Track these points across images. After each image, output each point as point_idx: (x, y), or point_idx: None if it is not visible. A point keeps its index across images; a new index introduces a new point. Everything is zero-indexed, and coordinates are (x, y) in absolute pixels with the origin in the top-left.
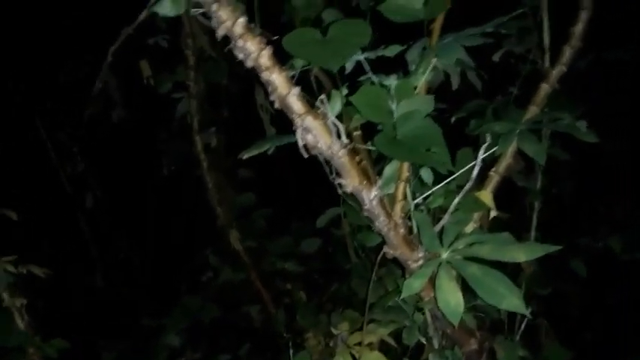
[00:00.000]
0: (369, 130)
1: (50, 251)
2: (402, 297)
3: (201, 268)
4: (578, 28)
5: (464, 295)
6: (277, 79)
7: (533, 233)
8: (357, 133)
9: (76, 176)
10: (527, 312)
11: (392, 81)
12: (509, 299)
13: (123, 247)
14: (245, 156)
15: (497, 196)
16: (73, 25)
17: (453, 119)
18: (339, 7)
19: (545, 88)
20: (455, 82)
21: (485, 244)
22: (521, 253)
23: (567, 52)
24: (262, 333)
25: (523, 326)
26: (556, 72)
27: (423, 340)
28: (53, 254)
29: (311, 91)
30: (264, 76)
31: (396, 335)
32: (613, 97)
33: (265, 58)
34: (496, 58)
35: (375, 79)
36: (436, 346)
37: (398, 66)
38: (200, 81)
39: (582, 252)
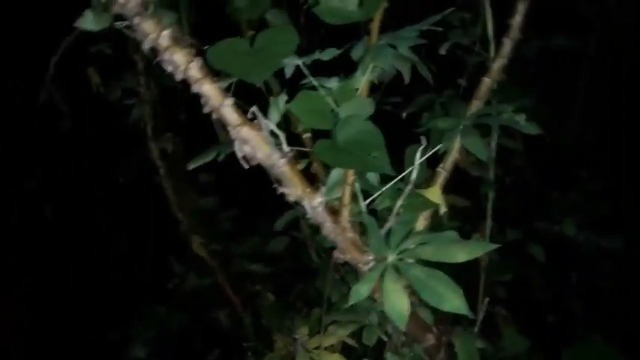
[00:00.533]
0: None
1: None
2: (350, 303)
3: (167, 275)
4: (517, 19)
5: None
6: (209, 91)
7: (488, 222)
8: (306, 136)
9: (33, 188)
10: (468, 313)
11: (333, 83)
12: (451, 300)
13: (84, 259)
14: (191, 166)
15: (456, 184)
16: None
17: (404, 114)
18: (287, 6)
19: (487, 82)
20: (406, 77)
21: (429, 245)
22: (463, 253)
23: (507, 44)
24: (231, 337)
25: (481, 317)
26: (497, 65)
27: (385, 338)
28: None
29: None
30: (195, 88)
31: (359, 335)
32: (562, 83)
33: (195, 69)
34: (443, 50)
35: (315, 82)
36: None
37: (349, 65)
38: (152, 86)
39: (540, 236)
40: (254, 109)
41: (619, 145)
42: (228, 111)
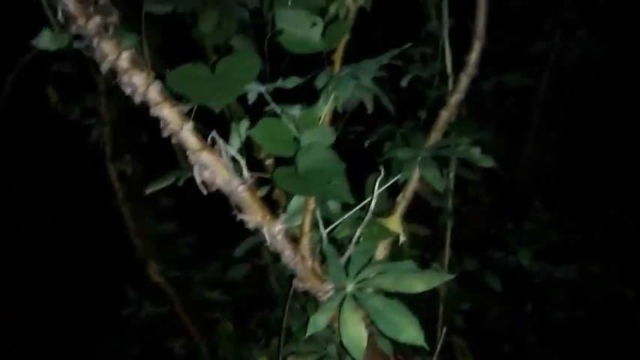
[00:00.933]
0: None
1: None
2: (308, 334)
3: (122, 303)
4: (473, 56)
5: None
6: (168, 115)
7: (447, 252)
8: (269, 162)
9: None
10: (424, 344)
11: (296, 111)
12: (408, 331)
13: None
14: (149, 191)
15: (417, 213)
16: None
17: (366, 143)
18: (252, 34)
19: (444, 115)
20: (369, 107)
21: (388, 274)
22: (421, 283)
23: (464, 80)
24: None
25: (439, 346)
26: (454, 99)
27: None
28: None
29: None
30: (155, 111)
31: None
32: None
33: (154, 92)
34: (404, 83)
35: (278, 109)
36: None
37: (313, 94)
38: (112, 107)
39: (496, 266)
40: (214, 134)
41: (572, 177)
42: (187, 135)
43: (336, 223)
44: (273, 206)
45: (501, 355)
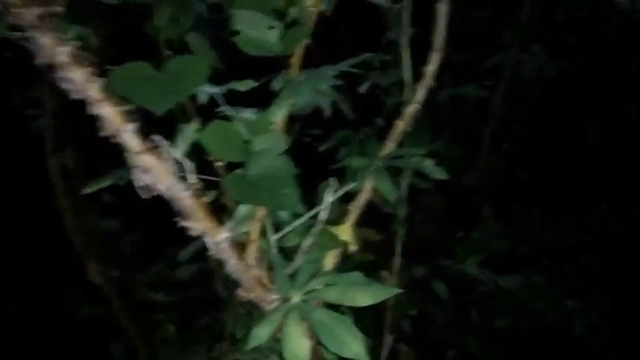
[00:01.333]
0: None
1: None
2: (249, 347)
3: (61, 303)
4: (430, 68)
5: None
6: (109, 114)
7: (397, 259)
8: (219, 165)
9: None
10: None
11: (250, 115)
12: (351, 347)
13: None
14: (88, 190)
15: (369, 218)
16: None
17: (322, 148)
18: (208, 29)
19: (400, 125)
20: (326, 111)
21: (335, 286)
22: (367, 297)
23: (421, 91)
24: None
25: (386, 354)
26: (410, 110)
27: None
28: None
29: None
30: (94, 110)
31: None
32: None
33: (94, 90)
34: (363, 89)
35: (230, 112)
36: None
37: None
38: (57, 97)
39: (444, 274)
40: (158, 136)
41: (522, 188)
42: (128, 136)
43: (285, 231)
44: (221, 211)
45: (445, 359)
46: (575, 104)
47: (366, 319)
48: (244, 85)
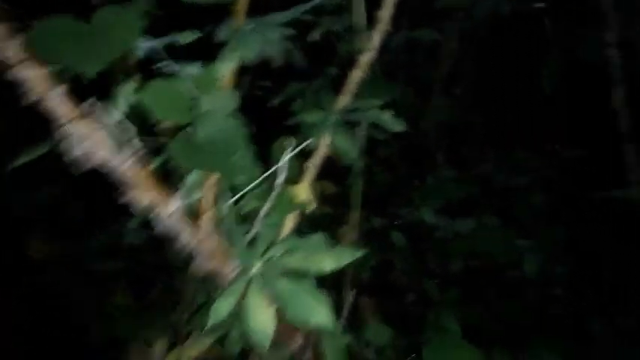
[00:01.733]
0: None
1: None
2: (210, 324)
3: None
4: (385, 12)
5: None
6: (33, 76)
7: (356, 212)
8: (165, 126)
9: None
10: (333, 328)
11: (194, 70)
12: (318, 315)
13: None
14: (16, 164)
15: (326, 170)
16: None
17: (275, 102)
18: None
19: (356, 75)
20: (277, 61)
21: (297, 253)
22: (330, 262)
23: (376, 37)
24: (80, 347)
25: (348, 308)
26: (366, 57)
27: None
28: None
29: None
30: (14, 73)
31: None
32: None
33: (12, 50)
34: (316, 36)
35: (173, 68)
36: None
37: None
38: None
39: (402, 223)
40: (91, 99)
41: (474, 131)
42: (57, 102)
43: (240, 194)
44: (168, 178)
45: (405, 305)
46: (530, 45)
47: (326, 276)
48: (186, 37)
